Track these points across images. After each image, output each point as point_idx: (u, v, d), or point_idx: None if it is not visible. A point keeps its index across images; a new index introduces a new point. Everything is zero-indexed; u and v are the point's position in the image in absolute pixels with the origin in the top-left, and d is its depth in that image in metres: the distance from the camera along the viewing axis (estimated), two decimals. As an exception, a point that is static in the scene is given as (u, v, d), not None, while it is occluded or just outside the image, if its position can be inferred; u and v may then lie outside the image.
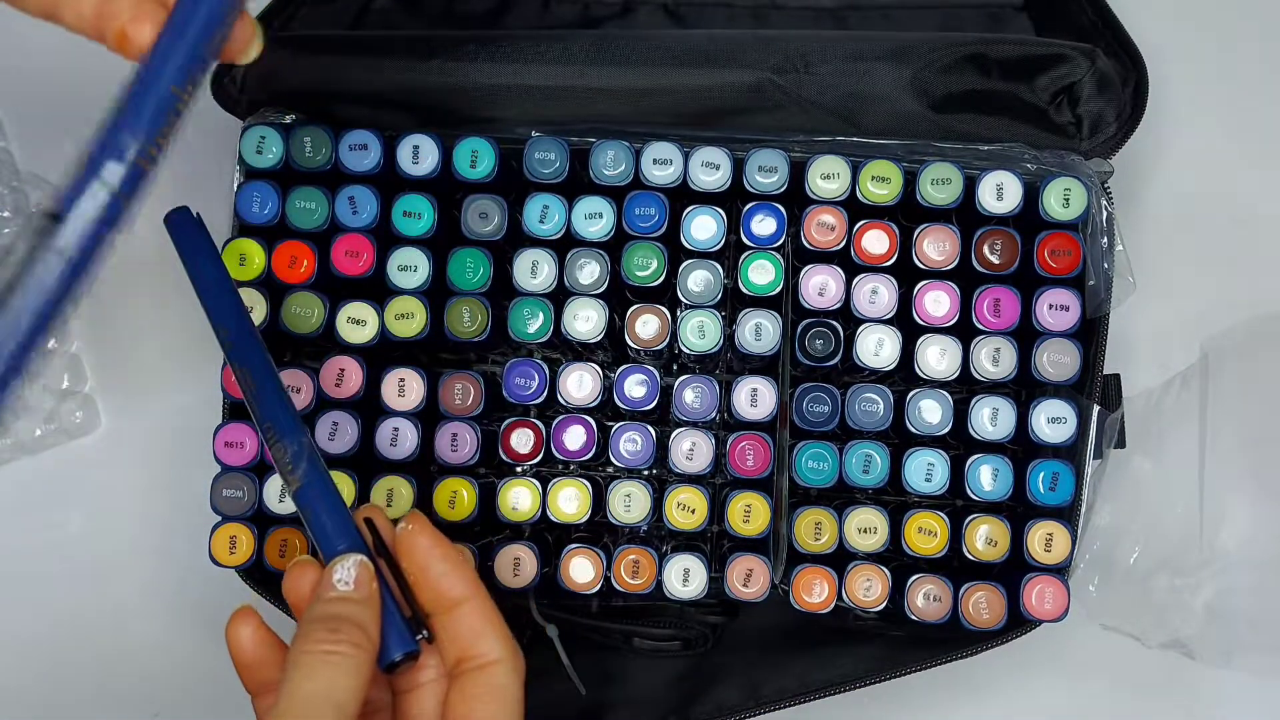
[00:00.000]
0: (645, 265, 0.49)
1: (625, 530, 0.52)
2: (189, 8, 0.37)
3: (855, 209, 0.49)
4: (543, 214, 0.49)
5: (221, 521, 0.50)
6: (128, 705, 0.59)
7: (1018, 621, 0.49)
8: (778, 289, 0.49)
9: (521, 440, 0.50)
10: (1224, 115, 0.60)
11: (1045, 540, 0.49)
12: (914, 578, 0.49)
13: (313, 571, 0.39)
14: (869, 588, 0.49)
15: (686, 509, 0.49)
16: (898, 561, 0.50)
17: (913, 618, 0.49)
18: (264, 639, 0.40)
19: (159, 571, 0.58)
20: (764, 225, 0.49)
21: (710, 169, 0.49)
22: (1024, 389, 0.51)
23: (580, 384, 0.49)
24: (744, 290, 0.49)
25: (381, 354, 0.51)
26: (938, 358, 0.49)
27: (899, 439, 0.50)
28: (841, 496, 0.51)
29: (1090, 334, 0.50)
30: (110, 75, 0.62)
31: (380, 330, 0.49)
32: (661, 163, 0.49)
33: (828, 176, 0.49)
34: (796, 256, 0.50)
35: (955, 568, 0.50)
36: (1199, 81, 0.59)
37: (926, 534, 0.49)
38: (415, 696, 0.40)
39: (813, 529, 0.49)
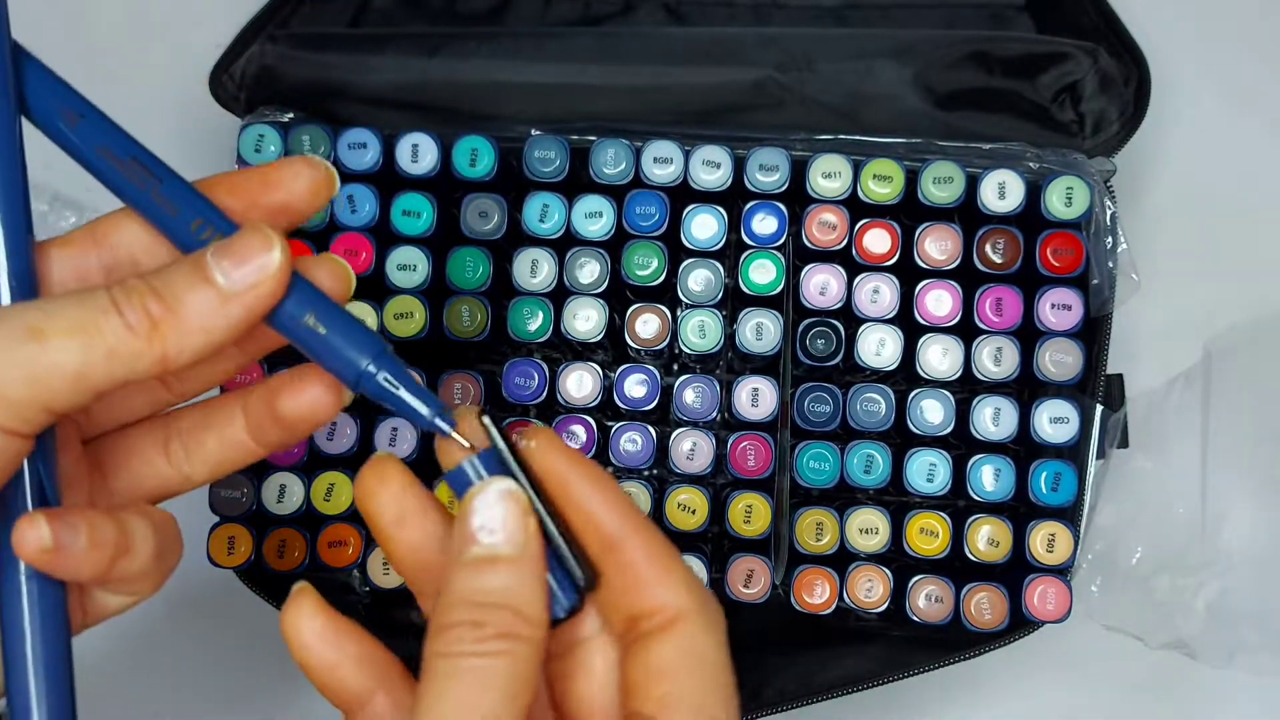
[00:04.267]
0: (645, 264, 0.49)
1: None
2: None
3: (857, 208, 0.49)
4: (542, 213, 0.49)
5: (219, 522, 0.50)
6: (127, 705, 0.59)
7: (1020, 622, 0.49)
8: (779, 288, 0.49)
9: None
10: (1227, 113, 0.59)
11: (1047, 541, 0.48)
12: (916, 578, 0.49)
13: (397, 476, 0.29)
14: (870, 589, 0.49)
15: (687, 509, 0.49)
16: (899, 562, 0.50)
17: (914, 619, 0.49)
18: (332, 627, 0.30)
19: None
20: (765, 224, 0.49)
21: (711, 167, 0.49)
22: (1026, 389, 0.51)
23: (580, 384, 0.49)
24: (745, 290, 0.49)
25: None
26: (939, 357, 0.48)
27: (900, 439, 0.50)
28: (843, 497, 0.51)
29: (1093, 333, 0.50)
30: (111, 75, 0.62)
31: (379, 330, 0.49)
32: (662, 161, 0.49)
33: (829, 175, 0.49)
34: (798, 255, 0.50)
35: (957, 568, 0.50)
36: (1201, 80, 0.59)
37: (928, 534, 0.49)
38: (577, 662, 0.29)
39: (814, 529, 0.49)
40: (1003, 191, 0.49)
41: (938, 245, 0.49)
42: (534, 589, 0.27)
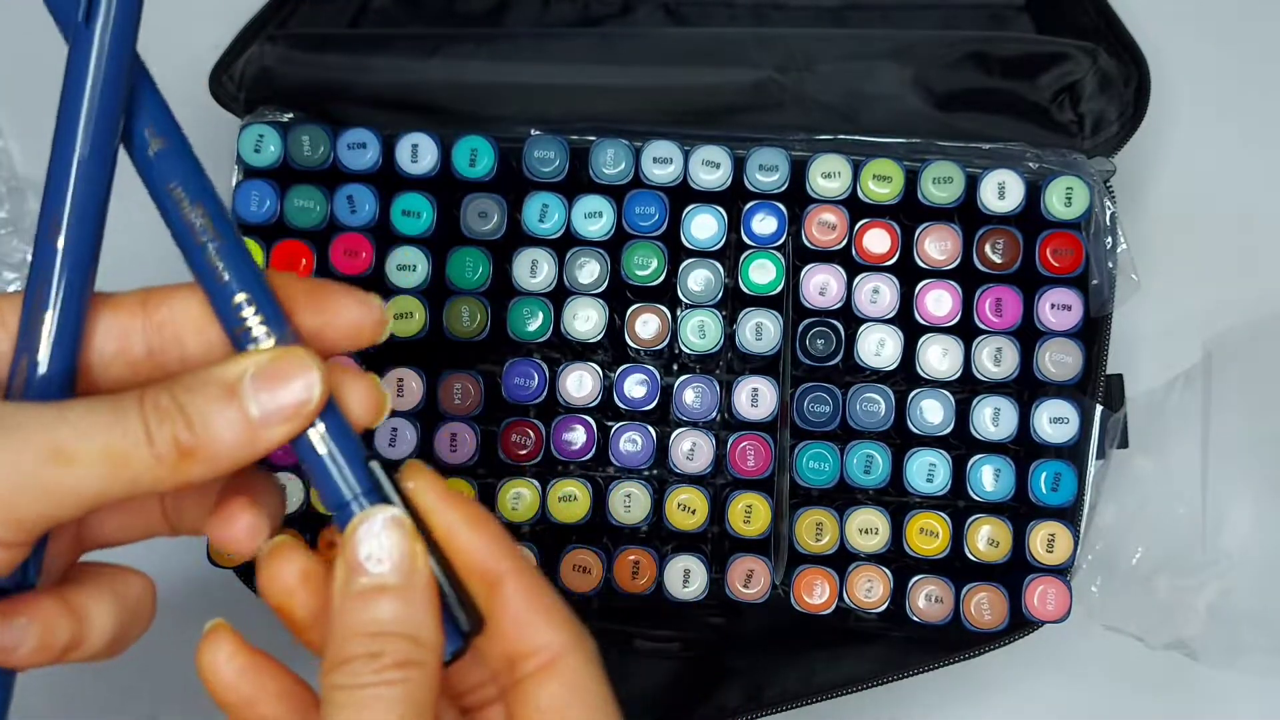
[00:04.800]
0: (645, 264, 0.49)
1: (625, 531, 0.51)
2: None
3: (856, 208, 0.49)
4: (542, 213, 0.49)
5: (220, 522, 0.50)
6: (126, 705, 0.59)
7: (1020, 622, 0.49)
8: (778, 288, 0.49)
9: (521, 440, 0.49)
10: (1227, 114, 0.59)
11: (1047, 541, 0.48)
12: (915, 579, 0.49)
13: (299, 555, 0.29)
14: (870, 589, 0.49)
15: (687, 509, 0.49)
16: (899, 562, 0.50)
17: (914, 619, 0.49)
18: (250, 663, 0.29)
19: (156, 572, 0.58)
20: (765, 224, 0.49)
21: (711, 168, 0.49)
22: (1026, 389, 0.51)
23: (580, 384, 0.49)
24: (744, 290, 0.49)
25: (380, 353, 0.51)
26: (939, 357, 0.48)
27: (900, 439, 0.50)
28: (843, 497, 0.51)
29: (1093, 333, 0.50)
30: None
31: (379, 330, 0.49)
32: (661, 161, 0.49)
33: (829, 175, 0.49)
34: (797, 256, 0.50)
35: (957, 568, 0.50)
36: (1201, 80, 0.59)
37: (928, 535, 0.49)
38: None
39: (814, 529, 0.49)
40: (1002, 191, 0.49)
41: (937, 245, 0.49)
42: (426, 614, 0.27)
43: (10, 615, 0.27)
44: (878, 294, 0.49)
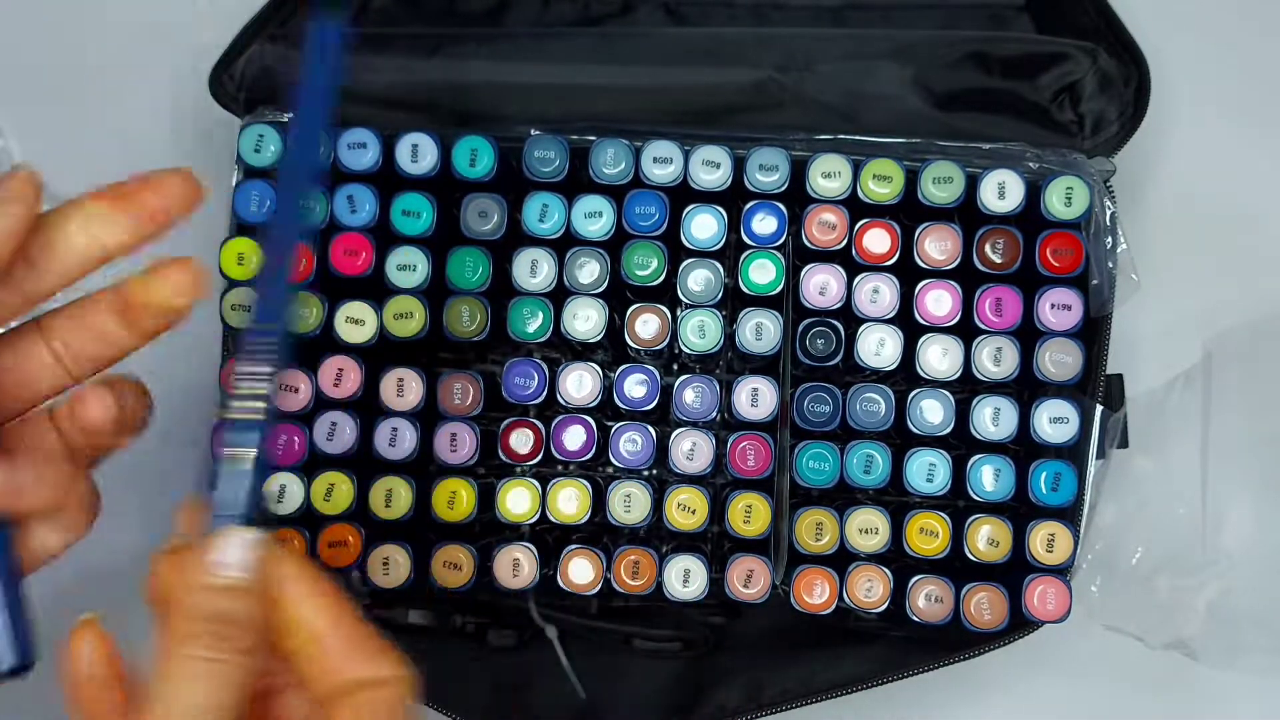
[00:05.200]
0: (645, 264, 0.49)
1: (625, 531, 0.51)
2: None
3: (856, 208, 0.49)
4: (542, 213, 0.49)
5: (219, 522, 0.50)
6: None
7: (1020, 622, 0.49)
8: (778, 288, 0.49)
9: (521, 440, 0.49)
10: (1227, 114, 0.59)
11: (1047, 541, 0.48)
12: (915, 579, 0.49)
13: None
14: (870, 589, 0.49)
15: (687, 509, 0.49)
16: (899, 562, 0.50)
17: (914, 619, 0.49)
18: (109, 654, 0.34)
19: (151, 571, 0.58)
20: (765, 224, 0.49)
21: (711, 167, 0.49)
22: (1026, 389, 0.51)
23: (580, 384, 0.49)
24: (745, 290, 0.49)
25: (380, 353, 0.51)
26: (939, 357, 0.48)
27: (900, 439, 0.50)
28: (843, 497, 0.51)
29: (1093, 333, 0.50)
30: (111, 75, 0.62)
31: (379, 330, 0.49)
32: (661, 161, 0.49)
33: (829, 175, 0.49)
34: (797, 255, 0.50)
35: (957, 568, 0.50)
36: (1201, 80, 0.59)
37: (928, 534, 0.49)
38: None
39: (814, 529, 0.49)
40: (1002, 191, 0.49)
41: (937, 245, 0.49)
42: (259, 618, 0.33)
43: None
44: (878, 294, 0.49)
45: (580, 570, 0.49)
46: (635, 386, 0.49)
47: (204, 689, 0.31)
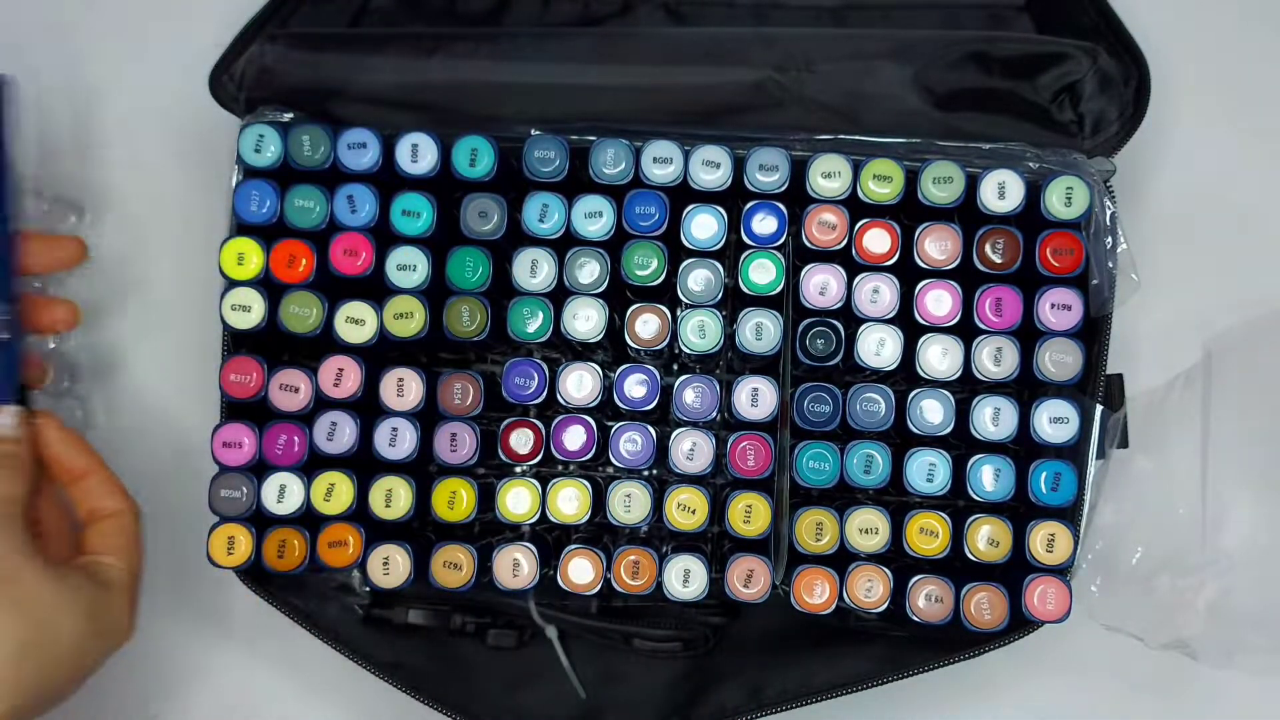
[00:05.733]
0: (645, 264, 0.49)
1: (625, 531, 0.51)
2: None
3: (856, 208, 0.49)
4: (542, 213, 0.49)
5: (219, 522, 0.50)
6: (126, 705, 0.59)
7: (1020, 622, 0.49)
8: (779, 288, 0.49)
9: (521, 440, 0.49)
10: (1226, 114, 0.59)
11: (1047, 541, 0.48)
12: (915, 578, 0.49)
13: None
14: (870, 589, 0.49)
15: (687, 509, 0.49)
16: (899, 562, 0.50)
17: (914, 619, 0.49)
18: (79, 440, 0.52)
19: (156, 572, 0.58)
20: (765, 224, 0.49)
21: (711, 167, 0.49)
22: (1026, 389, 0.51)
23: (580, 384, 0.49)
24: (745, 289, 0.49)
25: (380, 353, 0.51)
26: (939, 357, 0.48)
27: (900, 439, 0.50)
28: (843, 497, 0.51)
29: (1093, 333, 0.50)
30: (112, 75, 0.62)
31: (379, 330, 0.49)
32: (661, 161, 0.49)
33: (829, 175, 0.49)
34: (797, 255, 0.50)
35: (957, 568, 0.50)
36: (1201, 80, 0.59)
37: (928, 534, 0.49)
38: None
39: (814, 529, 0.49)
40: (1002, 191, 0.49)
41: (938, 245, 0.49)
42: (26, 454, 0.50)
43: None
44: (878, 294, 0.49)
45: (580, 570, 0.49)
46: (635, 386, 0.49)
47: (3, 485, 0.48)
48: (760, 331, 0.49)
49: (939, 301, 0.49)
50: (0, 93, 0.53)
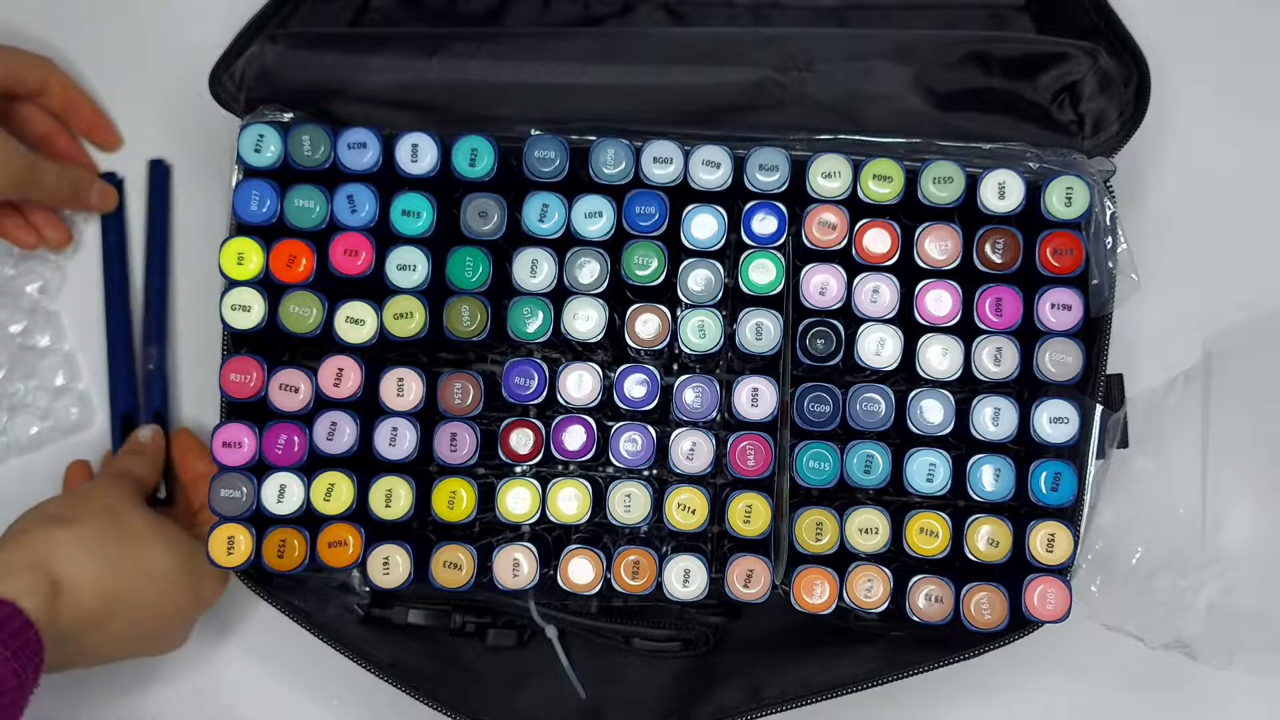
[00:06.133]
0: (645, 264, 0.49)
1: (625, 531, 0.51)
2: None
3: (857, 208, 0.49)
4: (542, 213, 0.49)
5: (220, 522, 0.50)
6: (126, 705, 0.59)
7: (1020, 622, 0.49)
8: (779, 288, 0.49)
9: (521, 440, 0.49)
10: (1226, 114, 0.59)
11: (1047, 541, 0.48)
12: (915, 578, 0.49)
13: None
14: (870, 588, 0.49)
15: (687, 509, 0.49)
16: (899, 562, 0.50)
17: (914, 619, 0.49)
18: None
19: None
20: (765, 224, 0.49)
21: (711, 167, 0.49)
22: (1026, 389, 0.51)
23: (580, 384, 0.49)
24: (745, 289, 0.49)
25: (380, 353, 0.51)
26: (939, 357, 0.48)
27: (900, 439, 0.50)
28: (843, 497, 0.51)
29: (1093, 333, 0.50)
30: (112, 75, 0.62)
31: (379, 330, 0.49)
32: (662, 161, 0.49)
33: (829, 175, 0.49)
34: (797, 255, 0.50)
35: (957, 568, 0.50)
36: (1201, 81, 0.59)
37: (928, 534, 0.49)
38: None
39: (814, 529, 0.49)
40: (1003, 191, 0.49)
41: (938, 245, 0.49)
42: (156, 461, 0.60)
43: None
44: (878, 294, 0.49)
45: (580, 570, 0.49)
46: (635, 386, 0.49)
47: (138, 469, 0.58)
48: (760, 331, 0.49)
49: (939, 301, 0.49)
50: (159, 177, 0.61)
